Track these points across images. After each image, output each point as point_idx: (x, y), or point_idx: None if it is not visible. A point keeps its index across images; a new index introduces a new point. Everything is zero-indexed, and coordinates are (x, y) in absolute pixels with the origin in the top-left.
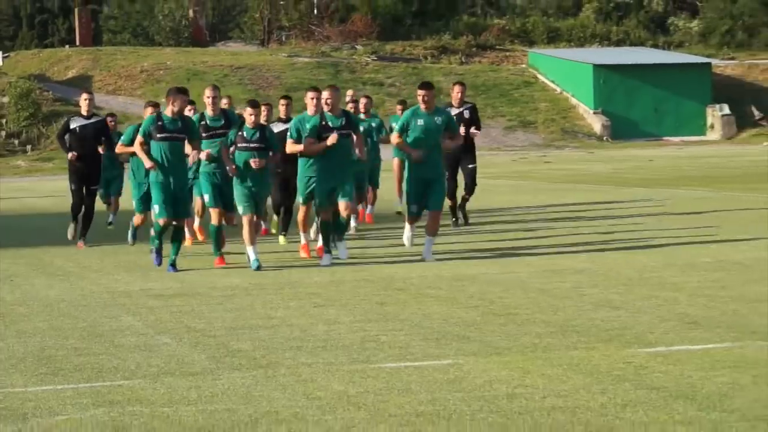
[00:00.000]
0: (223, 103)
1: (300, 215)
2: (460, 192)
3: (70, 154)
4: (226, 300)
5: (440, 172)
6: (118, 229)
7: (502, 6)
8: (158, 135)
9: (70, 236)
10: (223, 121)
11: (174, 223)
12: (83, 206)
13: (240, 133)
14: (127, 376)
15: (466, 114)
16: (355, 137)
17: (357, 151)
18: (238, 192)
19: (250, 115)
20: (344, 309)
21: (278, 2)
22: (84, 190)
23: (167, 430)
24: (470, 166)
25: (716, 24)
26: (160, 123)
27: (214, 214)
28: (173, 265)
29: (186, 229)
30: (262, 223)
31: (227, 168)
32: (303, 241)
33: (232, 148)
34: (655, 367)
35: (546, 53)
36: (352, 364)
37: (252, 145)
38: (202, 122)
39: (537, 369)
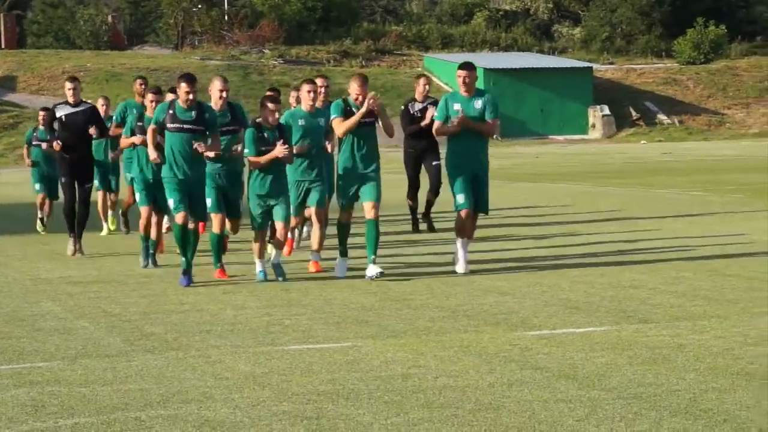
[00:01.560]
0: (100, 104)
1: (282, 229)
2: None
3: (54, 144)
4: (140, 287)
5: (486, 164)
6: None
7: (400, 14)
8: (170, 125)
9: (69, 252)
10: (229, 117)
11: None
12: (76, 206)
13: (259, 134)
14: (46, 358)
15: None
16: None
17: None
18: (253, 203)
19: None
20: (251, 295)
21: (191, 9)
22: (77, 187)
23: (84, 409)
24: (435, 163)
25: (597, 31)
26: (171, 111)
27: (216, 219)
28: (187, 273)
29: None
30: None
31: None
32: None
33: (239, 148)
34: (539, 348)
35: (440, 57)
36: (258, 347)
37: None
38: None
39: (430, 351)
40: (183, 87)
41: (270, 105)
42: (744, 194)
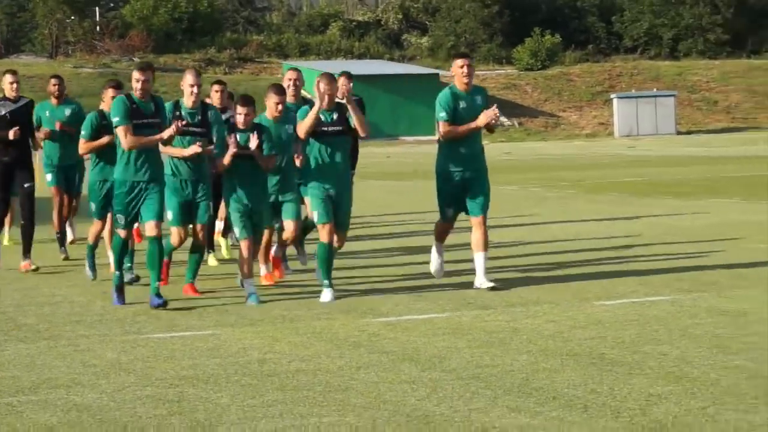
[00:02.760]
0: None
1: (265, 238)
2: None
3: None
4: (15, 280)
5: (484, 168)
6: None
7: (261, 24)
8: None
9: (23, 268)
10: (200, 116)
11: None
12: (10, 211)
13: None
14: None
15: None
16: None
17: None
18: (233, 208)
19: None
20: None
21: (65, 20)
22: (10, 191)
23: None
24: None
25: (443, 40)
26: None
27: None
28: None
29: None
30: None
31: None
32: (265, 271)
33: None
34: (386, 334)
35: (298, 65)
36: (124, 335)
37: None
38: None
39: (285, 337)
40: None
41: (237, 107)
42: (576, 190)
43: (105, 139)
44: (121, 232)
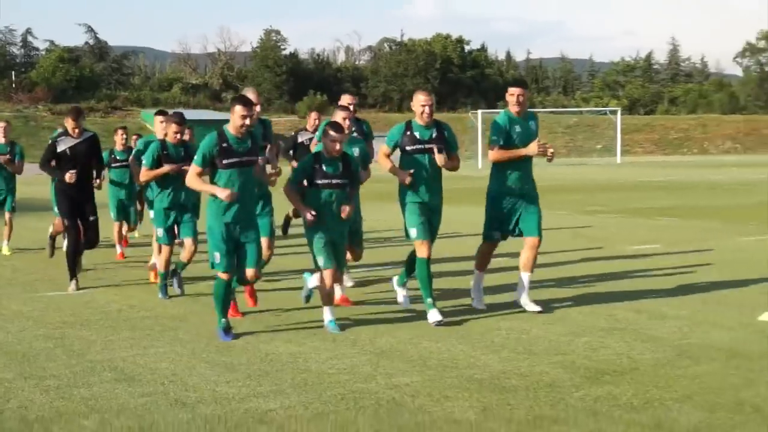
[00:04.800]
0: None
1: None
2: None
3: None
4: None
5: (536, 190)
6: None
7: (127, 83)
8: (225, 161)
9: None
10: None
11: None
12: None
13: (317, 166)
14: None
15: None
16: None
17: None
18: (316, 237)
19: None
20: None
21: None
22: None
23: None
24: None
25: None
26: (225, 145)
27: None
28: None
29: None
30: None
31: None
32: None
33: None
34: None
35: (150, 112)
36: (25, 294)
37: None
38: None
39: (137, 294)
40: (238, 110)
41: (331, 134)
42: None
43: (165, 168)
44: (223, 276)
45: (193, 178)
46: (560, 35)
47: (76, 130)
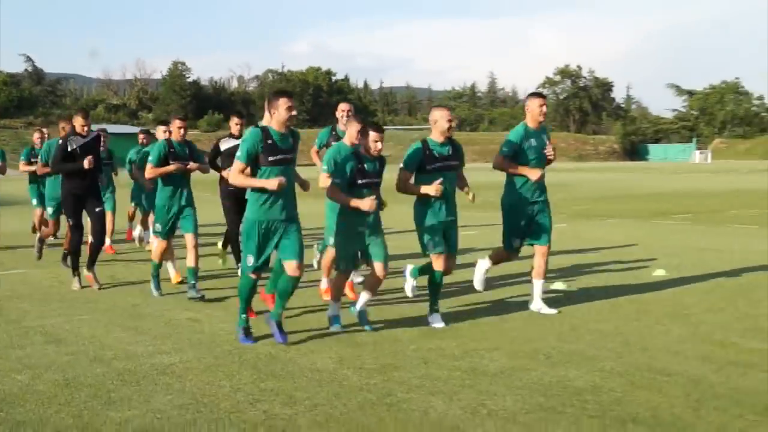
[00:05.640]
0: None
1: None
2: None
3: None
4: None
5: (548, 199)
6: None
7: (60, 104)
8: (270, 158)
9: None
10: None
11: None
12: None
13: (360, 166)
14: None
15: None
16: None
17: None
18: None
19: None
20: None
21: None
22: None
23: None
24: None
25: (161, 116)
26: (270, 141)
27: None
28: (280, 329)
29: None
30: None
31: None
32: (325, 284)
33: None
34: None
35: None
36: None
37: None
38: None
39: (65, 274)
40: (283, 101)
41: (373, 134)
42: None
43: (171, 167)
44: (252, 275)
45: (236, 175)
46: (407, 69)
47: (85, 128)
